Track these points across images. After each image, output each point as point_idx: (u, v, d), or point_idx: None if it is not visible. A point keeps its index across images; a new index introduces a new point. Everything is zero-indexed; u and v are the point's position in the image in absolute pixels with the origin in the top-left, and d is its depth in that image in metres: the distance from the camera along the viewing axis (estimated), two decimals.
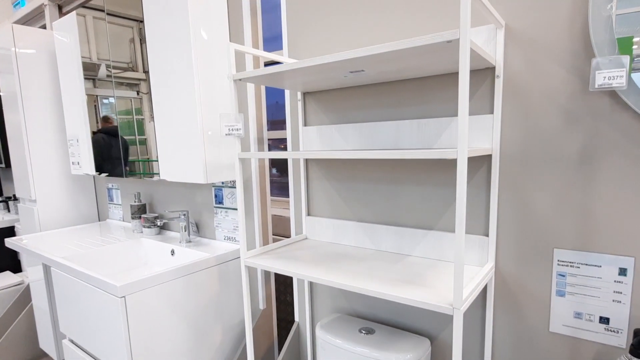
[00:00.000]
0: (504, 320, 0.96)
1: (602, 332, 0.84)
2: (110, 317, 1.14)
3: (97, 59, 1.66)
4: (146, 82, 1.48)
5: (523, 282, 0.92)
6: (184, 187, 1.69)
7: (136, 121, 1.56)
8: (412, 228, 1.07)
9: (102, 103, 1.70)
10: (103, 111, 1.70)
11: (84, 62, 1.72)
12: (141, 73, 1.49)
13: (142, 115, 1.53)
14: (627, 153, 0.78)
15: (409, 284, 0.84)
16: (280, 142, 1.72)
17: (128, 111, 1.59)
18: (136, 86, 1.53)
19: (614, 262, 0.82)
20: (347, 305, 1.24)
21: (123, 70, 1.56)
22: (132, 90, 1.55)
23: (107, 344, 1.18)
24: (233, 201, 1.51)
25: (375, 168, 1.12)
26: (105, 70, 1.64)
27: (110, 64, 1.61)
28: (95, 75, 1.69)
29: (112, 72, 1.61)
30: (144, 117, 1.52)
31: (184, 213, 1.59)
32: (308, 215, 1.29)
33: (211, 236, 1.63)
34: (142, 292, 1.14)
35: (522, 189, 0.90)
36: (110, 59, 1.60)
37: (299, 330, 1.37)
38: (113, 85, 1.62)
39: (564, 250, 0.87)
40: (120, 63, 1.57)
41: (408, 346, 0.98)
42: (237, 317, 1.48)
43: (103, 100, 1.69)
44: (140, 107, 1.53)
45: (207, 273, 1.36)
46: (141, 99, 1.52)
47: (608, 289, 0.83)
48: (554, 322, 0.89)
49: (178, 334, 1.25)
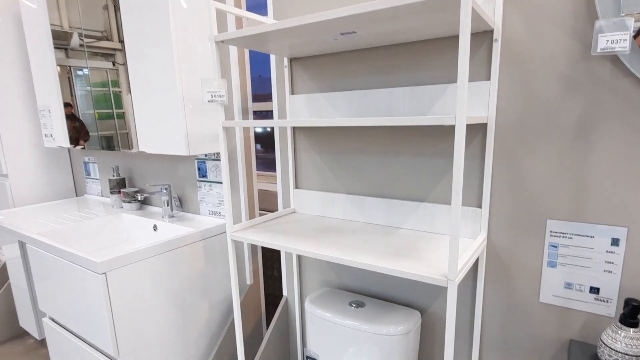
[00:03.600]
0: (494, 292, 0.96)
1: (592, 301, 0.85)
2: (91, 294, 1.10)
3: (69, 27, 1.55)
4: (122, 53, 1.39)
5: (515, 253, 0.92)
6: (165, 160, 1.63)
7: (113, 94, 1.48)
8: (403, 200, 1.05)
9: (76, 75, 1.59)
10: (77, 83, 1.60)
11: (53, 31, 1.60)
12: (117, 42, 1.40)
13: (119, 87, 1.44)
14: (626, 121, 0.76)
15: (401, 256, 0.82)
16: (266, 116, 1.66)
17: (104, 83, 1.50)
18: (111, 57, 1.44)
19: (606, 232, 0.81)
20: (336, 279, 1.23)
21: (97, 40, 1.46)
22: (107, 61, 1.46)
23: (90, 321, 1.15)
24: (217, 174, 1.46)
25: (366, 138, 1.09)
26: (78, 40, 1.53)
27: (82, 32, 1.50)
28: (67, 45, 1.58)
29: (85, 41, 1.50)
30: (121, 89, 1.44)
31: (166, 187, 1.54)
32: (296, 188, 1.26)
33: (195, 211, 1.59)
34: (123, 269, 1.10)
35: (517, 159, 0.89)
36: (83, 28, 1.49)
37: (287, 305, 1.37)
38: (86, 56, 1.52)
39: (557, 221, 0.86)
40: (94, 32, 1.46)
41: (399, 318, 0.98)
42: (224, 293, 1.47)
43: (77, 71, 1.59)
44: (117, 79, 1.44)
45: (191, 248, 1.32)
46: (117, 71, 1.43)
47: (599, 260, 0.83)
48: (544, 293, 0.90)
49: (163, 311, 1.23)
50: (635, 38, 0.73)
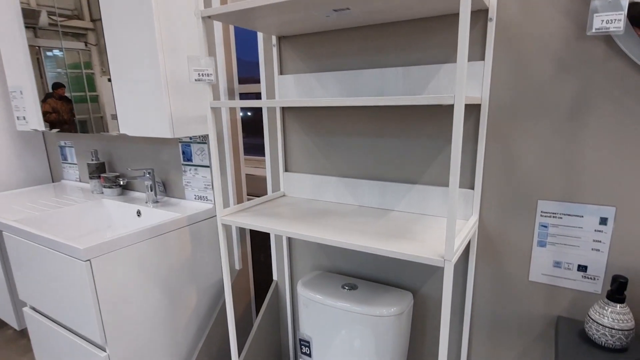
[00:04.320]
0: (485, 271, 0.98)
1: (580, 279, 0.88)
2: (76, 282, 1.07)
3: (37, 5, 1.45)
4: (94, 33, 1.32)
5: (506, 234, 0.94)
6: (147, 144, 1.58)
7: (86, 76, 1.41)
8: (395, 182, 1.05)
9: (46, 56, 1.51)
10: (47, 64, 1.52)
11: (23, 8, 1.50)
12: (88, 22, 1.33)
13: (92, 69, 1.38)
14: (618, 103, 0.78)
15: (396, 238, 0.82)
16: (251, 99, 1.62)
17: (76, 65, 1.42)
18: (83, 37, 1.37)
19: (595, 212, 0.83)
20: (327, 263, 1.24)
21: (67, 19, 1.38)
22: (79, 42, 1.39)
23: (75, 310, 1.12)
24: (203, 158, 1.43)
25: (358, 120, 1.08)
26: (47, 18, 1.44)
27: (52, 10, 1.41)
28: (36, 24, 1.49)
29: (55, 20, 1.42)
30: (94, 71, 1.38)
31: (149, 171, 1.49)
32: (286, 171, 1.24)
33: (180, 195, 1.55)
34: (109, 255, 1.07)
35: (510, 141, 0.89)
36: (52, 6, 1.40)
37: (277, 289, 1.37)
38: (56, 36, 1.44)
39: (548, 202, 0.88)
40: (64, 10, 1.38)
41: (392, 300, 1.00)
42: (212, 279, 1.45)
43: (46, 52, 1.50)
44: (90, 60, 1.37)
45: (178, 234, 1.30)
46: (90, 52, 1.36)
47: (588, 238, 0.85)
48: (533, 272, 0.92)
49: (150, 297, 1.21)
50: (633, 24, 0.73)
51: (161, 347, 1.27)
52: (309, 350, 1.09)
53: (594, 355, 0.76)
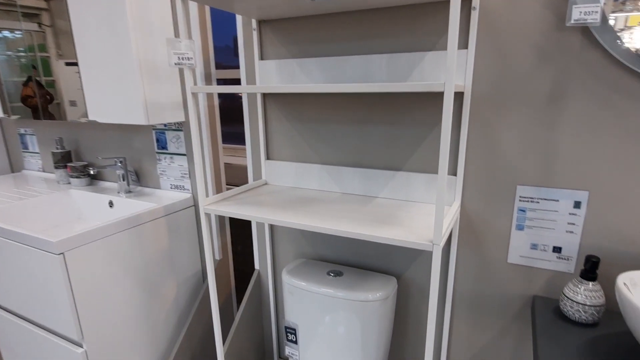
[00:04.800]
0: (466, 255, 1.02)
1: (554, 260, 0.93)
2: (48, 277, 1.02)
3: None
4: (49, 13, 1.24)
5: (486, 218, 0.98)
6: (118, 131, 1.51)
7: (41, 60, 1.32)
8: (379, 169, 1.06)
9: None
10: None
11: None
12: (42, 1, 1.24)
13: (47, 52, 1.30)
14: (592, 92, 0.82)
15: (383, 224, 0.84)
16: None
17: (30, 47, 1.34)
18: (36, 17, 1.28)
19: (570, 196, 0.88)
20: (311, 251, 1.24)
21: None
22: (31, 22, 1.30)
23: (48, 306, 1.07)
24: (179, 146, 1.38)
25: (341, 107, 1.08)
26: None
27: None
28: None
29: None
30: (49, 54, 1.30)
31: (121, 160, 1.44)
32: (267, 159, 1.23)
33: (155, 185, 1.50)
34: (83, 248, 1.03)
35: (491, 128, 0.92)
36: None
37: (259, 279, 1.37)
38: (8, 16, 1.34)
39: (526, 187, 0.92)
40: None
41: (377, 285, 1.02)
42: (191, 270, 1.43)
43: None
44: (44, 42, 1.29)
45: (155, 224, 1.26)
46: (44, 33, 1.28)
47: (563, 221, 0.90)
48: (512, 254, 0.97)
49: (128, 290, 1.18)
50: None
51: (141, 341, 1.24)
52: (295, 338, 1.10)
53: (568, 330, 0.81)
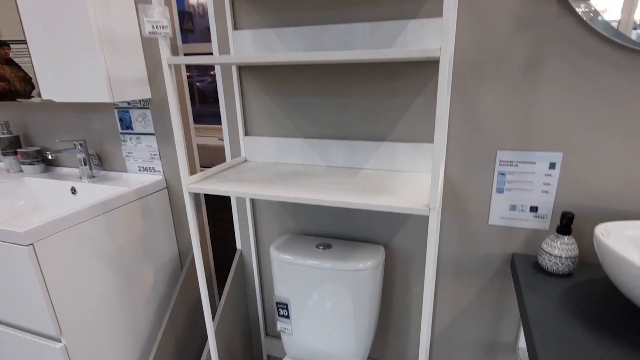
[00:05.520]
0: (449, 220, 1.07)
1: (531, 219, 1.00)
2: (18, 271, 0.95)
3: None
4: None
5: (468, 184, 1.03)
6: (73, 111, 1.40)
7: None
8: (363, 141, 1.07)
9: None
10: None
11: None
12: None
13: None
14: (567, 57, 0.87)
15: (373, 193, 0.85)
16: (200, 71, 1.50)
17: None
18: None
19: (545, 158, 0.95)
20: (295, 226, 1.25)
21: None
22: None
23: (21, 304, 1.00)
24: (146, 125, 1.31)
25: (322, 78, 1.07)
26: None
27: None
28: None
29: None
30: None
31: (81, 142, 1.34)
32: (246, 135, 1.20)
33: (120, 168, 1.42)
34: (53, 237, 0.96)
35: (472, 95, 0.96)
36: None
37: (242, 258, 1.35)
38: None
39: (506, 151, 0.97)
40: None
41: (366, 254, 1.05)
42: (167, 255, 1.38)
43: None
44: None
45: (127, 209, 1.20)
46: None
47: (539, 182, 0.97)
48: (492, 216, 1.03)
49: (104, 279, 1.12)
50: None
51: (122, 330, 1.20)
52: (287, 312, 1.11)
53: (548, 281, 0.89)
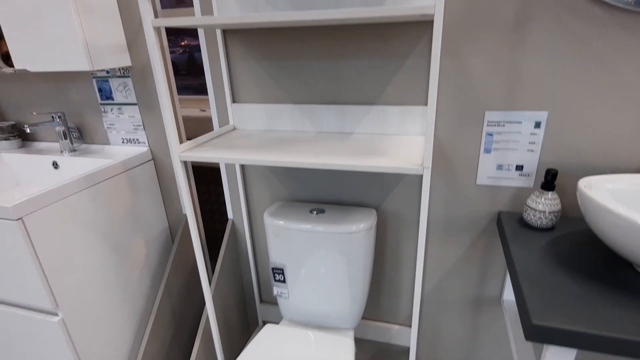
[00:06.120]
0: (438, 181, 1.11)
1: (517, 177, 1.05)
2: (9, 247, 0.94)
3: None
4: None
5: (457, 145, 1.06)
6: (48, 82, 1.35)
7: None
8: (354, 105, 1.08)
9: None
10: None
11: None
12: None
13: None
14: (555, 16, 0.88)
15: (366, 155, 0.87)
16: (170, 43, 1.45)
17: None
18: None
19: (531, 117, 0.98)
20: (286, 194, 1.26)
21: None
22: None
23: (14, 280, 0.99)
24: (128, 94, 1.28)
25: (311, 41, 1.06)
26: None
27: None
28: None
29: None
30: None
31: (59, 115, 1.30)
32: (234, 102, 1.19)
33: (102, 141, 1.39)
34: (42, 211, 0.95)
35: (461, 56, 0.97)
36: None
37: (234, 228, 1.37)
38: None
39: (494, 112, 1.00)
40: None
41: (359, 217, 1.08)
42: (158, 227, 1.39)
43: None
44: None
45: (114, 182, 1.19)
46: None
47: (525, 141, 1.01)
48: (480, 176, 1.07)
49: (96, 253, 1.12)
50: None
51: (117, 303, 1.21)
52: (283, 277, 1.15)
53: (532, 235, 0.94)
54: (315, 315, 1.20)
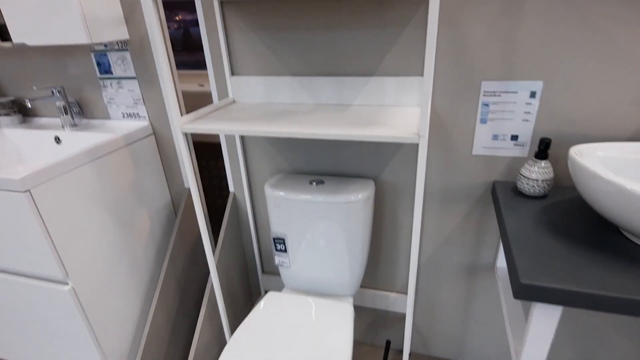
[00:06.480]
0: (435, 151, 1.14)
1: (512, 147, 1.07)
2: (17, 218, 0.97)
3: None
4: None
5: (453, 115, 1.08)
6: (46, 57, 1.35)
7: None
8: (352, 76, 1.10)
9: None
10: None
11: None
12: None
13: None
14: None
15: (365, 125, 0.90)
16: None
17: None
18: None
19: (527, 87, 1.00)
20: (286, 166, 1.29)
21: None
22: None
23: (24, 251, 1.03)
24: (127, 68, 1.29)
25: (309, 12, 1.06)
26: None
27: None
28: None
29: None
30: None
31: (59, 90, 1.31)
32: (233, 75, 1.20)
33: (103, 116, 1.41)
34: (49, 184, 0.98)
35: (458, 25, 0.98)
36: None
37: (236, 200, 1.41)
38: None
39: (490, 82, 1.02)
40: None
41: (357, 187, 1.11)
42: (161, 201, 1.42)
43: None
44: None
45: (117, 156, 1.22)
46: None
47: (520, 111, 1.03)
48: (476, 146, 1.10)
49: (103, 225, 1.16)
50: None
51: (124, 274, 1.26)
52: (284, 247, 1.19)
53: (525, 203, 0.98)
54: (315, 283, 1.25)
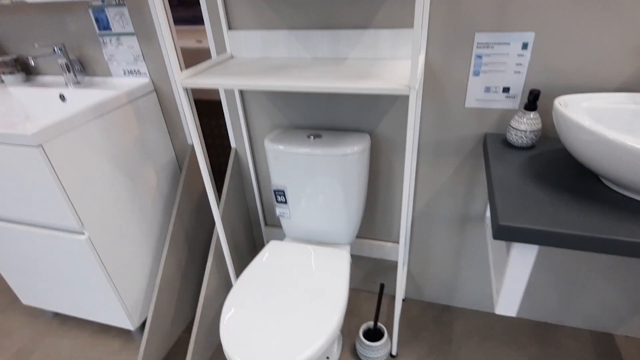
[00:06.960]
0: (429, 104, 1.17)
1: (503, 99, 1.11)
2: (31, 173, 1.04)
3: None
4: None
5: (447, 68, 1.11)
6: (45, 14, 1.36)
7: None
8: (347, 29, 1.11)
9: None
10: None
11: None
12: None
13: None
14: None
15: (359, 78, 0.93)
16: None
17: None
18: None
19: (519, 38, 1.02)
20: (285, 121, 1.34)
21: None
22: None
23: (40, 203, 1.11)
24: (125, 24, 1.30)
25: None
26: None
27: None
28: None
29: None
30: None
31: (60, 47, 1.34)
32: (230, 29, 1.22)
33: (104, 73, 1.44)
34: (59, 139, 1.04)
35: None
36: None
37: (237, 156, 1.46)
38: None
39: (483, 33, 1.04)
40: None
41: (354, 141, 1.16)
42: (166, 157, 1.48)
43: None
44: None
45: (121, 113, 1.26)
46: None
47: (512, 63, 1.05)
48: (469, 99, 1.13)
49: (112, 179, 1.23)
50: None
51: (135, 225, 1.35)
52: (284, 198, 1.26)
53: (512, 153, 1.03)
54: (314, 232, 1.33)
